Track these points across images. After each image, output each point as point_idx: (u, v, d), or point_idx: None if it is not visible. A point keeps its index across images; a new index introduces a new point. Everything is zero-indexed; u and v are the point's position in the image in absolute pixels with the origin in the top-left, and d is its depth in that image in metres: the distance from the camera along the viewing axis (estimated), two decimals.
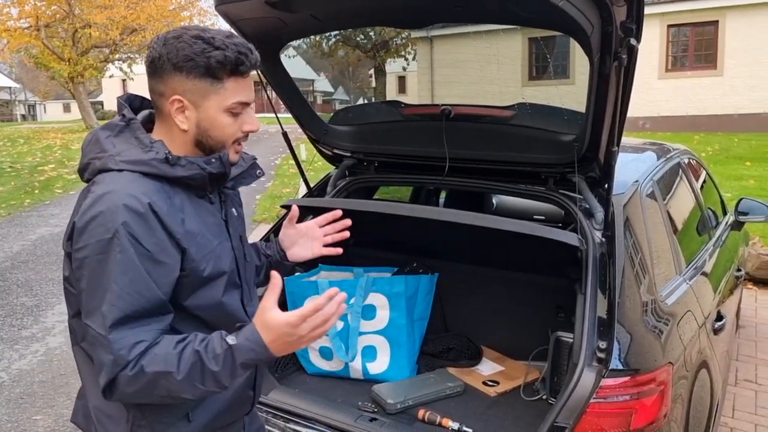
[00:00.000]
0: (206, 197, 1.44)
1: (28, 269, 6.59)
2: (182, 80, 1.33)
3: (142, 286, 1.27)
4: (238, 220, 1.58)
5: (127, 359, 1.24)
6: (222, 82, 1.34)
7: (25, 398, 3.84)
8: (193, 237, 1.35)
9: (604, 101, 1.96)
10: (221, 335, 1.29)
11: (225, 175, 1.42)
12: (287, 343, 1.27)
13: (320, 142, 2.93)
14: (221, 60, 1.31)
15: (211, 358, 1.25)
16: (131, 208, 1.26)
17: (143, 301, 1.27)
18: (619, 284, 2.02)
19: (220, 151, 1.40)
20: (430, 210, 2.83)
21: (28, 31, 24.57)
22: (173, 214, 1.32)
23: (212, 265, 1.39)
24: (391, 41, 4.24)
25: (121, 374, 1.25)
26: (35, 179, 12.37)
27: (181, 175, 1.35)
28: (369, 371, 2.74)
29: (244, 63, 1.33)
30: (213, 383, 1.28)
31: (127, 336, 1.25)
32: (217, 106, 1.35)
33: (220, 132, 1.38)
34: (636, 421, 1.79)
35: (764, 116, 15.52)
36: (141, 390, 1.27)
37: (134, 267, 1.26)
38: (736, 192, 7.74)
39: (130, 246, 1.25)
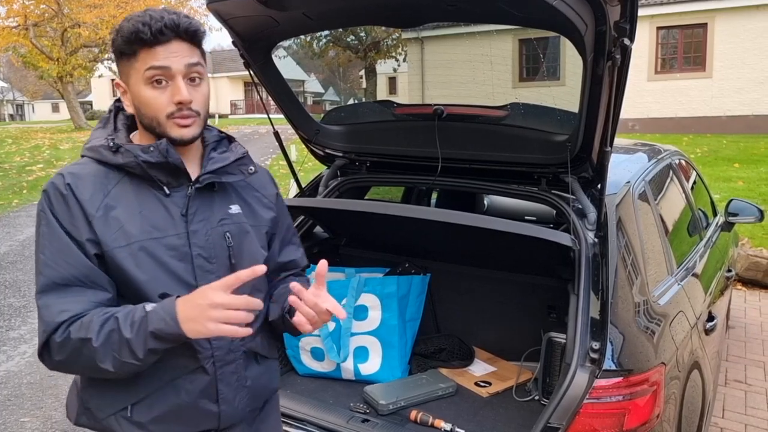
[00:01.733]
0: (161, 189, 1.39)
1: (17, 270, 6.53)
2: (117, 65, 1.39)
3: (67, 255, 1.31)
4: (235, 217, 1.47)
5: (55, 322, 1.28)
6: (135, 56, 1.33)
7: (12, 400, 3.80)
8: (112, 223, 1.33)
9: (598, 101, 1.96)
10: (144, 304, 1.28)
11: (169, 164, 1.36)
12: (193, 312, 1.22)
13: (312, 142, 2.92)
14: (124, 35, 1.32)
15: (128, 324, 1.25)
16: (55, 186, 1.34)
17: (71, 269, 1.31)
18: (612, 285, 2.02)
19: (159, 128, 1.36)
20: (423, 210, 2.82)
21: (17, 30, 24.42)
22: (98, 199, 1.34)
23: (136, 257, 1.34)
24: (382, 42, 4.25)
25: (51, 339, 1.29)
26: (23, 179, 12.28)
27: (120, 163, 1.37)
28: (361, 372, 2.72)
29: (140, 30, 1.29)
30: (128, 353, 1.25)
31: (55, 301, 1.30)
32: (137, 79, 1.35)
33: (148, 107, 1.35)
34: (629, 421, 1.79)
35: (752, 118, 15.64)
36: (69, 358, 1.30)
37: (58, 238, 1.32)
38: (725, 193, 7.80)
39: (53, 220, 1.33)
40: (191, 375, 1.41)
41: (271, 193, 1.60)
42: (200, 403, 1.42)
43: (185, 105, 1.34)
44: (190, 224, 1.40)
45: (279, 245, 1.62)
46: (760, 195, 8.28)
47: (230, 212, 1.47)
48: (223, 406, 1.44)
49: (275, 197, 1.61)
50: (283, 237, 1.64)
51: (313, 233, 3.16)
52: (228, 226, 1.45)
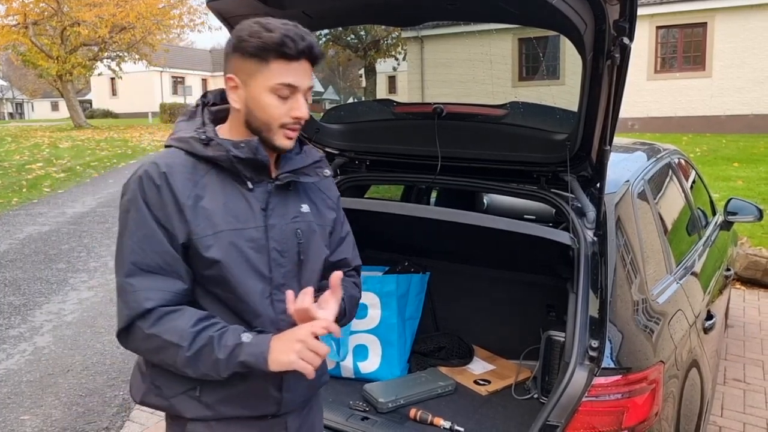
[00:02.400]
0: (244, 183, 1.46)
1: (16, 268, 6.53)
2: (237, 60, 1.42)
3: (155, 243, 1.38)
4: (305, 216, 1.55)
5: (142, 307, 1.36)
6: (268, 63, 1.38)
7: (12, 398, 3.80)
8: (200, 213, 1.40)
9: (597, 100, 1.97)
10: (239, 330, 1.38)
11: (257, 161, 1.43)
12: (284, 352, 1.33)
13: (312, 140, 2.92)
14: (267, 41, 1.37)
15: (221, 347, 1.35)
16: (149, 175, 1.39)
17: (156, 257, 1.38)
18: (611, 283, 2.02)
19: (268, 133, 1.44)
20: (423, 209, 2.83)
21: (16, 29, 24.41)
22: (189, 188, 1.40)
23: (220, 247, 1.40)
24: (381, 41, 4.24)
25: (137, 325, 1.37)
26: (23, 178, 12.26)
27: (210, 155, 1.42)
28: (360, 370, 2.73)
29: (286, 45, 1.36)
30: (213, 369, 1.36)
31: (140, 286, 1.37)
32: (262, 85, 1.40)
33: (264, 113, 1.42)
34: (628, 419, 1.80)
35: (752, 118, 15.65)
36: (151, 351, 1.39)
37: (147, 225, 1.38)
38: (725, 192, 7.80)
39: (144, 207, 1.38)
40: None
41: (334, 196, 1.70)
42: (265, 388, 1.50)
43: (300, 120, 1.44)
44: (269, 219, 1.48)
45: (334, 244, 1.68)
46: (759, 194, 8.28)
47: (302, 211, 1.55)
48: (285, 394, 1.53)
49: (337, 200, 1.71)
50: (339, 236, 1.70)
51: None
52: (299, 223, 1.54)
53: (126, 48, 27.01)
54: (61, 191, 11.16)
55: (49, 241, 7.67)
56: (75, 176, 12.76)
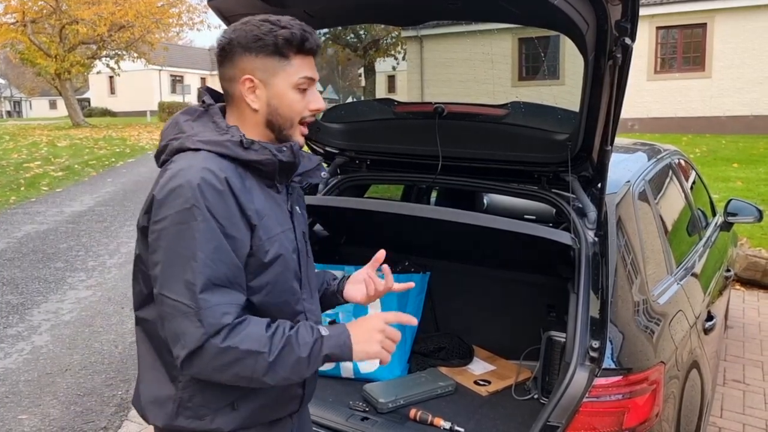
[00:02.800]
0: (274, 186, 1.46)
1: (14, 267, 6.52)
2: (252, 60, 1.39)
3: (224, 255, 1.31)
4: (302, 217, 1.60)
5: (220, 324, 1.27)
6: (289, 60, 1.40)
7: (10, 397, 3.79)
8: (261, 217, 1.38)
9: (598, 100, 1.96)
10: (310, 325, 1.38)
11: (294, 165, 1.45)
12: (363, 336, 1.38)
13: (312, 139, 2.91)
14: (288, 37, 1.37)
15: (301, 344, 1.32)
16: (208, 181, 1.30)
17: (226, 269, 1.31)
18: (612, 284, 2.02)
19: (289, 130, 1.45)
20: (423, 208, 2.82)
21: (14, 27, 24.37)
22: (246, 192, 1.37)
23: (276, 249, 1.40)
24: (381, 40, 4.24)
25: (210, 343, 1.27)
26: (21, 176, 12.25)
27: (253, 159, 1.39)
28: (360, 370, 2.72)
29: (308, 39, 1.39)
30: (294, 370, 1.33)
31: (216, 302, 1.28)
32: (286, 82, 1.40)
33: (289, 109, 1.43)
34: (628, 420, 1.79)
35: (751, 118, 15.66)
36: (224, 365, 1.29)
37: (216, 236, 1.30)
38: (724, 193, 7.81)
39: (210, 216, 1.29)
40: None
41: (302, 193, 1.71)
42: (292, 388, 1.52)
43: (316, 113, 1.48)
44: (294, 220, 1.52)
45: None
46: (758, 195, 8.29)
47: (300, 212, 1.59)
48: (307, 389, 1.57)
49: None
50: None
51: (313, 231, 3.15)
52: (302, 225, 1.59)
53: (125, 46, 26.98)
54: (59, 190, 11.15)
55: (47, 240, 7.66)
56: (73, 175, 12.74)
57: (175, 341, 1.29)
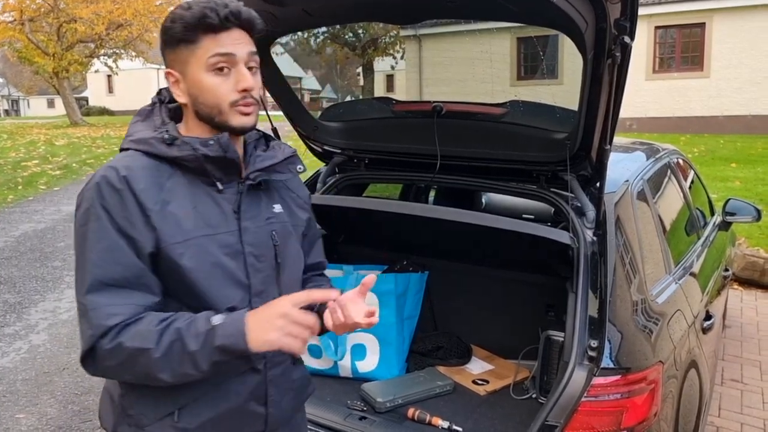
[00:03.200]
0: (213, 184, 1.36)
1: (11, 266, 6.50)
2: (169, 54, 1.34)
3: (118, 254, 1.25)
4: (279, 217, 1.46)
5: (105, 325, 1.22)
6: (196, 42, 1.30)
7: (7, 396, 3.78)
8: (168, 218, 1.29)
9: (597, 99, 1.96)
10: (208, 315, 1.25)
11: (227, 159, 1.34)
12: (260, 323, 1.21)
13: (310, 138, 2.91)
14: (187, 20, 1.28)
15: (192, 336, 1.21)
16: (108, 180, 1.27)
17: (120, 269, 1.25)
18: (610, 283, 2.02)
19: (220, 117, 1.33)
20: (422, 207, 2.82)
21: (12, 25, 24.32)
22: (154, 192, 1.29)
23: (192, 252, 1.30)
24: (380, 39, 4.24)
25: (99, 343, 1.23)
26: (18, 175, 12.22)
27: (176, 156, 1.32)
28: (358, 369, 2.72)
29: (208, 15, 1.27)
30: (190, 365, 1.22)
31: (103, 302, 1.24)
32: (197, 67, 1.31)
33: (210, 95, 1.32)
34: (627, 419, 1.79)
35: (750, 118, 15.68)
36: (121, 366, 1.25)
37: (108, 235, 1.25)
38: (722, 193, 7.81)
39: (104, 216, 1.25)
40: (241, 377, 1.38)
41: (304, 195, 1.60)
42: (249, 405, 1.39)
43: (249, 92, 1.32)
44: (242, 221, 1.38)
45: (308, 246, 1.62)
46: (757, 195, 8.30)
47: (275, 211, 1.46)
48: (270, 409, 1.42)
49: (308, 198, 1.62)
50: (313, 238, 1.64)
51: None
52: (274, 225, 1.44)
53: (123, 45, 26.96)
54: (56, 189, 11.13)
55: (44, 238, 7.64)
56: (71, 174, 12.72)
57: (81, 339, 1.27)
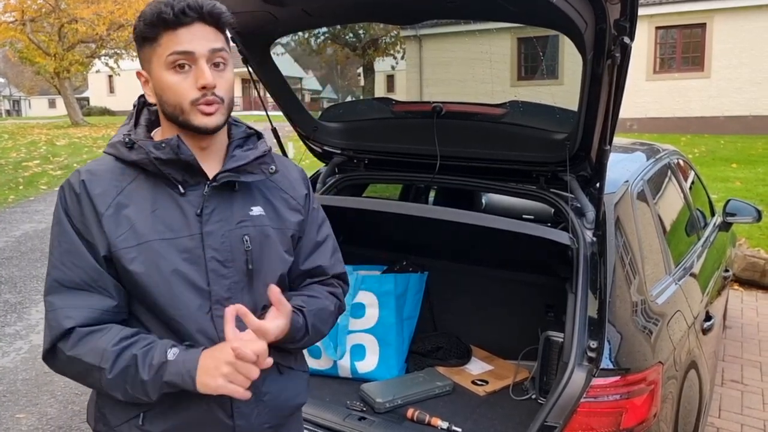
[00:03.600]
0: (176, 187, 1.32)
1: (12, 266, 6.50)
2: (139, 54, 1.33)
3: (75, 257, 1.28)
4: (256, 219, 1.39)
5: (62, 327, 1.25)
6: (157, 40, 1.27)
7: (7, 396, 3.78)
8: (122, 222, 1.28)
9: (597, 100, 1.96)
10: (166, 346, 1.25)
11: (181, 161, 1.29)
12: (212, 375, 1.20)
13: (310, 138, 2.91)
14: (147, 18, 1.26)
15: (146, 366, 1.22)
16: (70, 184, 1.31)
17: (79, 271, 1.27)
18: (610, 284, 2.01)
19: (183, 116, 1.28)
20: (421, 208, 2.82)
21: (13, 26, 24.32)
22: (109, 195, 1.29)
23: (145, 259, 1.27)
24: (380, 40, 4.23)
25: (58, 347, 1.26)
26: (19, 175, 12.23)
27: (134, 159, 1.31)
28: (358, 370, 2.72)
29: (162, 11, 1.23)
30: (141, 391, 1.23)
31: (61, 304, 1.26)
32: (158, 65, 1.28)
33: (171, 94, 1.28)
34: (626, 420, 1.79)
35: (750, 119, 15.66)
36: (76, 375, 1.29)
37: (68, 238, 1.29)
38: (723, 193, 7.80)
39: (64, 217, 1.30)
40: None
41: (300, 194, 1.50)
42: (214, 415, 1.35)
43: (209, 89, 1.27)
44: (205, 225, 1.32)
45: (305, 251, 1.52)
46: (757, 195, 8.29)
47: (251, 214, 1.39)
48: (238, 421, 1.37)
49: (304, 198, 1.51)
50: (312, 242, 1.53)
51: None
52: (247, 228, 1.37)
53: (124, 45, 26.93)
54: (57, 189, 11.12)
55: (45, 238, 7.64)
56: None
57: None
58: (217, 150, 1.38)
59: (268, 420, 1.42)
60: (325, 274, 1.56)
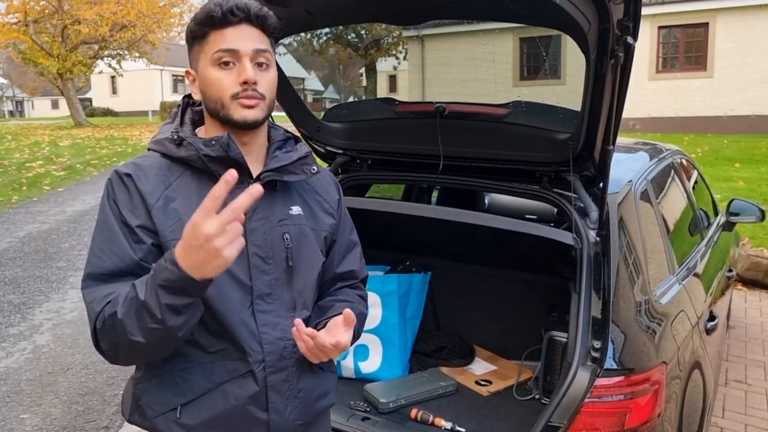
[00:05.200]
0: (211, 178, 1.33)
1: (16, 266, 6.52)
2: (189, 54, 1.38)
3: (115, 246, 1.30)
4: (295, 219, 1.43)
5: (96, 312, 1.27)
6: (205, 38, 1.33)
7: (12, 396, 3.79)
8: (170, 215, 1.31)
9: (600, 99, 1.95)
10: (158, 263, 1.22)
11: (229, 159, 1.32)
12: (197, 255, 1.12)
13: (313, 139, 2.91)
14: (197, 17, 1.33)
15: (143, 286, 1.19)
16: (118, 174, 1.35)
17: (116, 259, 1.30)
18: (614, 284, 2.01)
19: (224, 110, 1.33)
20: (425, 208, 2.82)
21: (17, 27, 24.40)
22: (158, 190, 1.34)
23: None
24: (382, 40, 4.23)
25: (96, 328, 1.28)
26: (23, 176, 12.26)
27: (183, 156, 1.36)
28: (361, 370, 2.72)
29: (214, 11, 1.30)
30: (148, 316, 1.17)
31: (97, 291, 1.29)
32: (205, 62, 1.34)
33: (214, 89, 1.33)
34: (630, 420, 1.79)
35: (753, 118, 15.64)
36: (110, 341, 1.27)
37: (109, 226, 1.32)
38: (726, 193, 7.79)
39: (109, 208, 1.33)
40: (240, 379, 1.37)
41: (333, 198, 1.56)
42: (249, 409, 1.37)
43: (250, 85, 1.31)
44: (249, 222, 1.34)
45: (339, 254, 1.56)
46: (761, 195, 8.27)
47: (291, 213, 1.43)
48: (273, 416, 1.39)
49: (337, 203, 1.57)
50: (344, 246, 1.58)
51: None
52: (287, 227, 1.41)
53: (126, 46, 27.00)
54: (61, 189, 11.16)
55: (48, 239, 7.66)
56: (75, 174, 12.75)
57: None
58: (258, 150, 1.43)
59: (300, 416, 1.44)
60: (356, 277, 1.61)
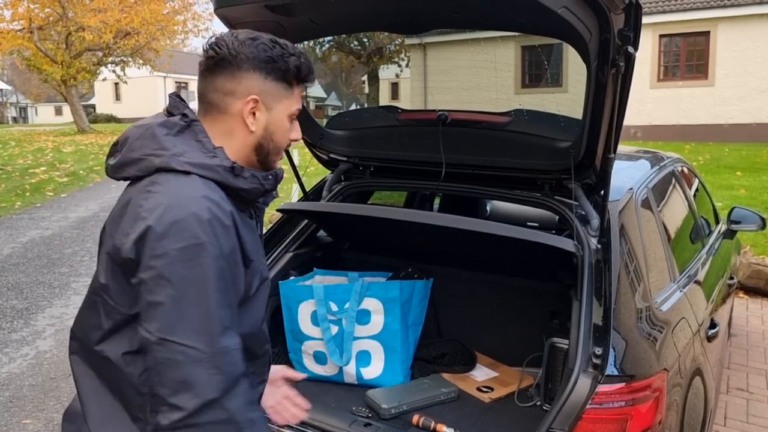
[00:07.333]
0: (248, 211, 1.39)
1: (19, 272, 6.54)
2: (261, 81, 1.32)
3: (230, 296, 1.23)
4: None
5: (240, 370, 1.23)
6: (292, 88, 1.37)
7: (14, 402, 3.80)
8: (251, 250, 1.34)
9: (601, 108, 1.97)
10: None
11: (268, 192, 1.40)
12: None
13: (316, 146, 2.93)
14: (297, 66, 1.35)
15: None
16: (216, 215, 1.20)
17: (231, 311, 1.24)
18: (615, 291, 2.02)
19: (274, 156, 1.40)
20: (427, 215, 2.83)
21: (21, 34, 24.48)
22: (243, 226, 1.31)
23: (258, 280, 1.38)
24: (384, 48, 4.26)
25: (234, 390, 1.19)
26: (26, 182, 12.29)
27: (242, 187, 1.31)
28: (363, 376, 2.73)
29: (312, 72, 1.38)
30: None
31: (234, 348, 1.21)
32: (286, 110, 1.38)
33: (282, 137, 1.39)
34: (631, 427, 1.80)
35: (754, 126, 15.65)
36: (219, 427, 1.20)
37: (225, 275, 1.21)
38: (727, 201, 7.80)
39: (220, 255, 1.19)
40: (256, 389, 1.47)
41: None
42: None
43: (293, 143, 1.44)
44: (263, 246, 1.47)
45: None
46: (762, 203, 8.27)
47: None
48: None
49: None
50: None
51: (317, 237, 3.16)
52: None
53: (130, 53, 27.09)
54: (64, 195, 11.19)
55: (51, 245, 7.68)
56: (78, 180, 12.79)
57: (182, 390, 1.15)
58: None
59: None
60: None
